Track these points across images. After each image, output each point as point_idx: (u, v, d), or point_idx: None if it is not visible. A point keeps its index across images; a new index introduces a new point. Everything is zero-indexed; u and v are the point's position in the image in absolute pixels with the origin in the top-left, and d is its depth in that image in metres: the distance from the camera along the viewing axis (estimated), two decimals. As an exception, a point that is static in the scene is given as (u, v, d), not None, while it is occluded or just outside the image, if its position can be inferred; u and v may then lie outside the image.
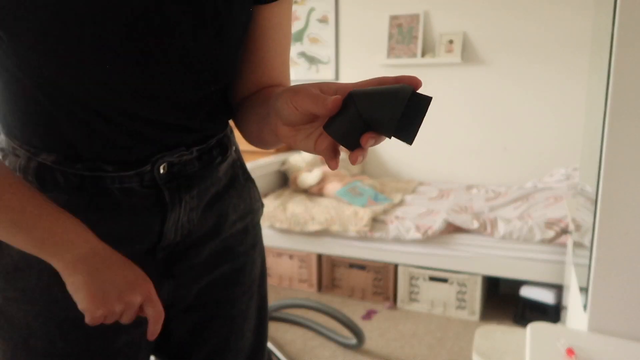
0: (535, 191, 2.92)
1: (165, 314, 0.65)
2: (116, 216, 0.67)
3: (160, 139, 0.68)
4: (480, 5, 3.32)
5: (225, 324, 0.81)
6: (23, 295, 0.66)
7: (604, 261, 1.15)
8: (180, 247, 0.73)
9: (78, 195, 0.65)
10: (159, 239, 0.70)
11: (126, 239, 0.67)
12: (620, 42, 1.06)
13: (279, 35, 0.73)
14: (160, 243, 0.71)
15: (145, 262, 0.67)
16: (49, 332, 0.67)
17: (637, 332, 1.15)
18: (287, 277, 3.01)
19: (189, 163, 0.71)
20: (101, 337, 0.69)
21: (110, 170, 0.65)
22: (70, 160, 0.64)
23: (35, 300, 0.66)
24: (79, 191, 0.65)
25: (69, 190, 0.64)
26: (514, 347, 1.73)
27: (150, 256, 0.71)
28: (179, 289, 0.75)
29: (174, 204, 0.70)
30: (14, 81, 0.60)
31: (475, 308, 2.57)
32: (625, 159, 1.09)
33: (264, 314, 0.87)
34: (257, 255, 0.85)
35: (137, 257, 0.65)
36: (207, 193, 0.74)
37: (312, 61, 3.86)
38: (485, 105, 3.42)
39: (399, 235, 2.63)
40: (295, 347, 2.33)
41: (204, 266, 0.77)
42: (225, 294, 0.80)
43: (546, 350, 1.10)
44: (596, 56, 1.50)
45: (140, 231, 0.69)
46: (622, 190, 1.10)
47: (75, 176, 0.64)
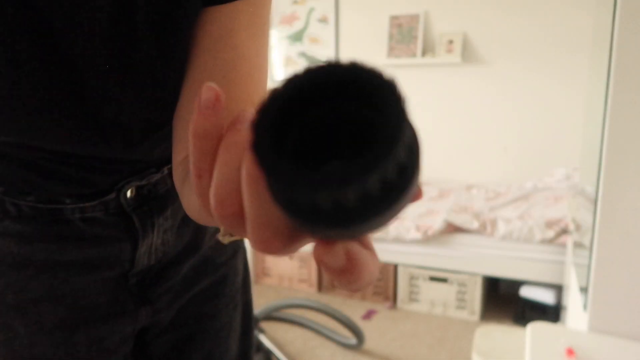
0: (535, 191, 2.92)
1: (143, 337, 0.62)
2: (79, 246, 0.59)
3: (124, 170, 0.59)
4: (480, 5, 3.32)
5: (209, 338, 0.73)
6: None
7: (604, 261, 1.15)
8: (156, 269, 0.66)
9: (33, 226, 0.56)
10: (131, 265, 0.63)
11: (92, 267, 0.60)
12: (620, 42, 1.06)
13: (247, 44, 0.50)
14: (132, 270, 0.63)
15: (117, 289, 0.62)
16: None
17: (637, 332, 1.15)
18: (287, 277, 3.01)
19: (160, 182, 0.63)
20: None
21: (69, 203, 0.57)
22: (20, 192, 0.56)
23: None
24: (34, 221, 0.56)
25: (22, 220, 0.56)
26: (514, 347, 1.73)
27: (122, 282, 0.63)
28: (157, 313, 0.68)
29: (145, 230, 0.62)
30: None
31: (475, 308, 2.57)
32: (625, 159, 1.09)
33: (248, 321, 0.81)
34: (239, 262, 0.77)
35: (107, 284, 0.60)
36: (181, 209, 0.65)
37: (312, 61, 3.86)
38: (485, 105, 3.42)
39: (399, 235, 2.63)
40: (295, 347, 2.33)
41: (183, 284, 0.69)
42: (208, 308, 0.73)
43: (546, 350, 1.10)
44: (596, 56, 1.50)
45: (108, 260, 0.61)
46: (622, 190, 1.11)
47: (29, 207, 0.56)
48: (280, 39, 3.93)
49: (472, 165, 3.51)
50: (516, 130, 3.36)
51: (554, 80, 3.21)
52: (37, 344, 0.55)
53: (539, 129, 3.29)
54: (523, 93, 3.31)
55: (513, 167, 3.39)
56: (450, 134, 3.54)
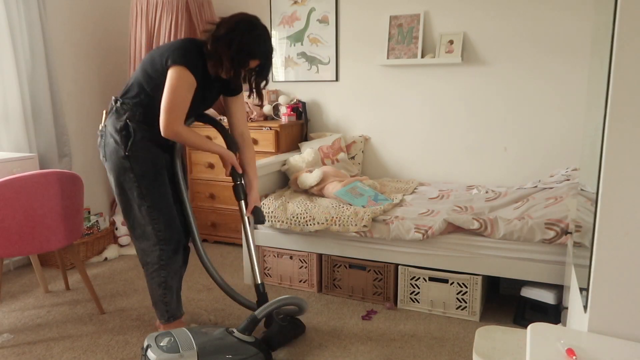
0: (535, 191, 2.92)
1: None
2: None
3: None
4: (480, 5, 3.32)
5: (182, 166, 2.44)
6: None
7: (604, 261, 1.15)
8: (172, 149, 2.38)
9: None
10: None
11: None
12: (620, 42, 1.06)
13: (239, 109, 2.39)
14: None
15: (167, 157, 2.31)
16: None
17: (637, 332, 1.15)
18: (287, 277, 3.01)
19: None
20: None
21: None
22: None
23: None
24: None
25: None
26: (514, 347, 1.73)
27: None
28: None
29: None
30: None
31: (475, 308, 2.57)
32: (625, 159, 1.09)
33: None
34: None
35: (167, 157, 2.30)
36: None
37: (312, 61, 3.86)
38: (486, 105, 3.42)
39: (399, 235, 2.63)
40: (295, 346, 2.33)
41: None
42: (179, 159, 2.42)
43: (546, 351, 1.10)
44: (596, 56, 1.50)
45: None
46: (622, 190, 1.10)
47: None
48: (281, 39, 3.93)
49: (472, 166, 3.51)
50: (516, 130, 3.36)
51: (554, 81, 3.21)
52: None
53: (539, 129, 3.29)
54: (523, 93, 3.31)
55: (513, 167, 3.39)
56: (450, 134, 3.54)
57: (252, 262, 2.39)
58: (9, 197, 2.31)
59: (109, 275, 3.27)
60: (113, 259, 3.58)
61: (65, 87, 3.69)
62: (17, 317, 2.68)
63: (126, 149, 2.12)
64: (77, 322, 2.62)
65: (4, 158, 2.86)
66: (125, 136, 2.13)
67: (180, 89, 2.03)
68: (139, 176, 2.14)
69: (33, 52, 3.28)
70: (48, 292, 3.00)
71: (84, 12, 3.82)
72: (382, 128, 3.73)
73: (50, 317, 2.67)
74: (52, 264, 3.39)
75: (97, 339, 2.43)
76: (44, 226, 2.44)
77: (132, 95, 2.16)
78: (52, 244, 2.50)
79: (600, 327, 1.17)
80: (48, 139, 3.42)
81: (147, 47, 3.69)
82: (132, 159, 2.13)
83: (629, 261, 1.13)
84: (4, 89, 3.20)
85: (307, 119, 3.91)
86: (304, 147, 3.59)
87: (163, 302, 2.26)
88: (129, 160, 2.13)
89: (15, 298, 2.92)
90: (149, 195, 2.16)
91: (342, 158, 3.62)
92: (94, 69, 3.94)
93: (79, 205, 2.60)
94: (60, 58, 3.62)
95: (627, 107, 1.07)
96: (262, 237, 3.02)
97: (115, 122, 2.15)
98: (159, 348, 1.94)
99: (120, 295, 2.94)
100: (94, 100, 3.95)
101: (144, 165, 2.15)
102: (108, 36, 4.03)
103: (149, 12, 3.65)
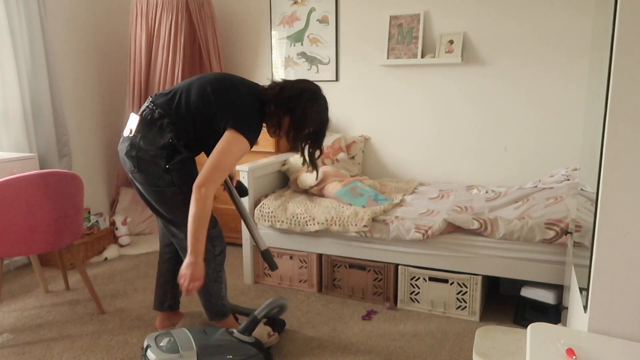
0: (535, 191, 2.92)
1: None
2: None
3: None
4: (480, 5, 3.32)
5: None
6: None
7: (604, 261, 1.15)
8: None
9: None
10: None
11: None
12: (620, 42, 1.06)
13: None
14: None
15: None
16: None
17: (637, 332, 1.15)
18: (287, 277, 3.01)
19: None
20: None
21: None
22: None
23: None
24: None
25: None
26: (514, 347, 1.73)
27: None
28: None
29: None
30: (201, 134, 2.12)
31: (475, 308, 2.57)
32: (625, 159, 1.09)
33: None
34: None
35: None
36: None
37: (312, 61, 3.86)
38: (486, 105, 3.42)
39: (399, 235, 2.63)
40: (295, 347, 2.33)
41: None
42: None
43: (546, 351, 1.10)
44: (596, 56, 1.50)
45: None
46: (622, 190, 1.10)
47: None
48: (281, 39, 3.93)
49: (472, 165, 3.51)
50: (516, 130, 3.36)
51: (553, 81, 3.21)
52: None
53: (539, 129, 3.29)
54: (523, 93, 3.31)
55: (513, 167, 3.39)
56: (450, 134, 3.54)
57: (252, 229, 2.40)
58: (9, 197, 2.31)
59: (109, 275, 3.27)
60: (113, 259, 3.58)
61: (65, 87, 3.69)
62: (17, 317, 2.68)
63: (168, 162, 2.06)
64: (77, 322, 2.62)
65: (4, 158, 2.86)
66: (169, 154, 2.06)
67: (234, 156, 1.98)
68: (181, 184, 2.09)
69: (33, 52, 3.28)
70: (48, 292, 3.00)
71: (84, 12, 3.82)
72: (382, 128, 3.73)
73: (50, 317, 2.67)
74: (52, 264, 3.39)
75: (97, 339, 2.43)
76: (44, 226, 2.44)
77: (180, 117, 2.07)
78: (52, 244, 2.50)
79: (600, 327, 1.17)
80: (48, 139, 3.42)
81: (147, 47, 3.69)
82: (173, 172, 2.07)
83: (629, 261, 1.13)
84: (4, 89, 3.20)
85: (307, 119, 3.91)
86: (304, 147, 3.59)
87: (220, 297, 2.29)
88: (169, 173, 2.07)
89: (15, 298, 2.92)
90: (190, 199, 2.06)
91: (342, 158, 3.62)
92: (94, 69, 3.94)
93: (79, 205, 2.60)
94: (60, 58, 3.62)
95: (627, 107, 1.07)
96: (262, 237, 3.02)
97: (156, 137, 2.05)
98: (159, 348, 1.94)
99: (120, 295, 2.94)
100: (94, 100, 3.94)
101: (185, 175, 2.09)
102: (108, 36, 4.03)
103: (149, 12, 3.65)
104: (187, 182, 2.05)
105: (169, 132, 2.05)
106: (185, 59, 3.77)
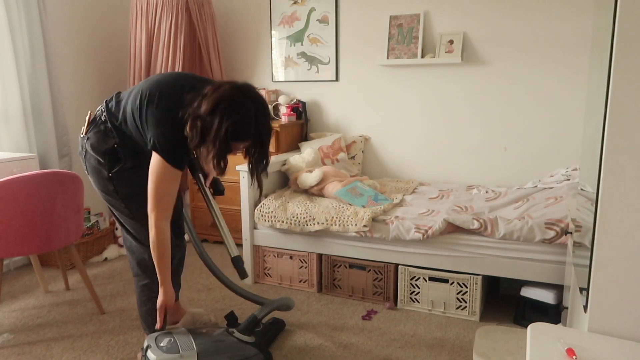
0: (535, 191, 2.92)
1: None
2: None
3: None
4: (480, 5, 3.32)
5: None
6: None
7: (604, 261, 1.15)
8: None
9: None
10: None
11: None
12: (620, 42, 1.06)
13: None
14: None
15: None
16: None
17: (637, 332, 1.15)
18: (287, 277, 3.01)
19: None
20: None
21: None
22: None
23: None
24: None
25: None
26: (514, 347, 1.73)
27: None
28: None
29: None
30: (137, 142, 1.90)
31: (475, 308, 2.57)
32: (625, 159, 1.09)
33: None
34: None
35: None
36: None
37: (312, 61, 3.86)
38: (486, 105, 3.42)
39: (399, 235, 2.63)
40: (295, 347, 2.33)
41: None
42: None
43: (547, 351, 1.10)
44: (596, 56, 1.50)
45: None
46: (622, 190, 1.10)
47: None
48: (281, 39, 3.93)
49: (472, 165, 3.51)
50: (516, 130, 3.36)
51: (553, 81, 3.21)
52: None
53: (539, 129, 3.29)
54: (523, 93, 3.31)
55: (513, 167, 3.39)
56: (450, 134, 3.53)
57: (224, 233, 2.25)
58: (9, 197, 2.31)
59: (109, 275, 3.27)
60: (113, 259, 3.58)
61: (65, 87, 3.69)
62: (17, 317, 2.68)
63: (110, 170, 1.91)
64: (77, 322, 2.62)
65: (4, 158, 2.86)
66: (112, 160, 1.90)
67: (167, 180, 1.79)
68: (126, 198, 1.94)
69: (33, 52, 3.28)
70: (48, 292, 3.00)
71: (84, 12, 3.82)
72: (382, 128, 3.73)
73: (50, 317, 2.67)
74: (52, 264, 3.39)
75: (97, 339, 2.43)
76: (44, 226, 2.44)
77: (124, 124, 1.90)
78: (52, 244, 2.50)
79: (600, 327, 1.17)
80: (48, 139, 3.42)
81: (147, 47, 3.69)
82: (115, 181, 1.92)
83: (629, 261, 1.13)
84: (4, 89, 3.20)
85: (307, 119, 3.91)
86: (304, 147, 3.59)
87: (152, 316, 2.06)
88: (112, 182, 1.92)
89: (15, 298, 2.92)
90: (138, 216, 1.96)
91: (342, 158, 3.62)
92: (94, 69, 3.94)
93: (79, 205, 2.60)
94: (60, 58, 3.62)
95: (627, 107, 1.07)
96: (262, 237, 3.02)
97: (100, 142, 1.90)
98: (159, 348, 1.94)
99: (120, 295, 2.94)
100: (94, 100, 3.94)
101: (130, 188, 1.93)
102: (108, 36, 4.03)
103: (149, 12, 3.65)
104: (130, 195, 1.93)
105: (112, 138, 1.90)
106: (185, 59, 3.76)
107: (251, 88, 1.78)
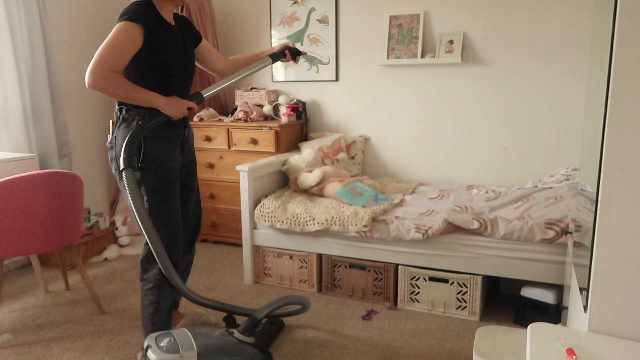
0: (535, 191, 2.92)
1: (181, 170, 2.20)
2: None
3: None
4: (480, 5, 3.32)
5: (194, 172, 2.32)
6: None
7: (604, 261, 1.15)
8: (184, 143, 2.18)
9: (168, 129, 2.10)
10: (183, 139, 2.16)
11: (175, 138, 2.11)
12: (620, 41, 1.06)
13: (210, 48, 2.33)
14: (183, 141, 2.16)
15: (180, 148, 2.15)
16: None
17: (637, 332, 1.15)
18: (287, 277, 3.01)
19: (190, 115, 2.22)
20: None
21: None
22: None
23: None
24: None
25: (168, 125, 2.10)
26: (514, 347, 1.73)
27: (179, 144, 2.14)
28: (185, 156, 2.20)
29: (186, 127, 2.19)
30: (150, 78, 2.00)
31: (475, 308, 2.57)
32: (625, 159, 1.09)
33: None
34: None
35: (177, 145, 2.12)
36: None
37: (312, 61, 3.86)
38: (486, 105, 3.42)
39: (399, 235, 2.63)
40: (295, 347, 2.33)
41: (188, 147, 2.24)
42: (192, 157, 2.28)
43: (547, 351, 1.10)
44: (596, 56, 1.50)
45: (178, 136, 2.13)
46: (622, 190, 1.10)
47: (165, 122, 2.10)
48: (281, 39, 3.93)
49: (472, 165, 3.51)
50: (516, 130, 3.36)
51: (553, 81, 3.21)
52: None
53: (539, 129, 3.29)
54: (523, 93, 3.31)
55: (513, 167, 3.40)
56: (450, 134, 3.54)
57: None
58: (9, 197, 2.32)
59: (109, 275, 3.27)
60: (113, 259, 3.58)
61: (65, 87, 3.69)
62: (17, 317, 2.68)
63: (139, 160, 2.00)
64: (77, 322, 2.62)
65: (4, 158, 2.86)
66: (137, 147, 1.99)
67: (120, 42, 1.85)
68: (151, 190, 2.03)
69: (33, 52, 3.29)
70: (48, 292, 3.00)
71: (84, 12, 3.81)
72: (382, 128, 3.73)
73: (50, 317, 2.67)
74: (52, 264, 3.39)
75: (97, 339, 2.43)
76: (44, 226, 2.44)
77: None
78: (52, 244, 2.50)
79: (600, 327, 1.17)
80: (48, 139, 3.42)
81: (147, 47, 3.69)
82: (144, 173, 2.01)
83: (629, 261, 1.13)
84: (4, 89, 3.20)
85: (307, 119, 3.91)
86: (304, 147, 3.59)
87: (151, 322, 2.11)
88: (141, 173, 2.01)
89: (15, 298, 2.92)
90: (155, 211, 2.03)
91: (342, 158, 3.62)
92: (94, 69, 3.93)
93: (79, 205, 2.60)
94: (60, 58, 3.62)
95: (627, 107, 1.07)
96: (262, 237, 3.03)
97: (125, 131, 2.00)
98: (159, 348, 1.94)
99: (120, 295, 2.94)
100: (94, 101, 3.94)
101: (156, 181, 2.03)
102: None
103: (149, 12, 3.64)
104: (157, 190, 2.02)
105: (133, 120, 2.00)
106: (185, 59, 3.76)
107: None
